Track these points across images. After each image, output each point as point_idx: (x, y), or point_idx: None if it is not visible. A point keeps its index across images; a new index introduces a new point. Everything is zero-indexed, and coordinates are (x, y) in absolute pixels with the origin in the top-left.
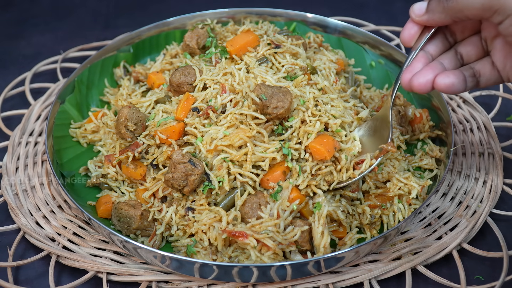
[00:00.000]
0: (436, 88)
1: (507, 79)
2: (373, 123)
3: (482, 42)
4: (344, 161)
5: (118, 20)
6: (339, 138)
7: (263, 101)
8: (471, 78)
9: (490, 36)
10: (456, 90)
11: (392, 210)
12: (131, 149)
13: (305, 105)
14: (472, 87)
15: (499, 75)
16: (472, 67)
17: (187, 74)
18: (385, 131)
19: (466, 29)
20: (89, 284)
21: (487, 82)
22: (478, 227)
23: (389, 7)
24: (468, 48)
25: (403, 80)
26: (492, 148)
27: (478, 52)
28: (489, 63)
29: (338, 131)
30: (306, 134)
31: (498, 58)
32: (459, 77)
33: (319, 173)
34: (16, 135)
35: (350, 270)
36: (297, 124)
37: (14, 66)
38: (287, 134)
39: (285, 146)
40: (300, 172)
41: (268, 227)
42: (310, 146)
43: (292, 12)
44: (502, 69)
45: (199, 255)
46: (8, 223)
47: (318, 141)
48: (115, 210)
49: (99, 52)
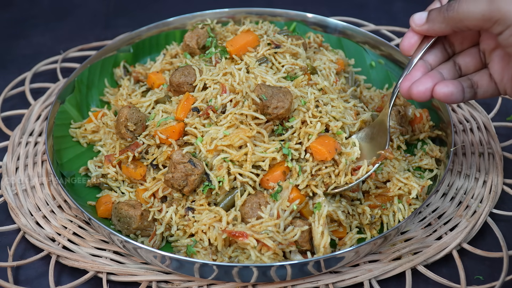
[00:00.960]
0: (435, 97)
1: (504, 91)
2: (370, 130)
3: (481, 54)
4: (343, 164)
5: (118, 20)
6: (340, 140)
7: (264, 101)
8: (469, 89)
9: (489, 48)
10: (454, 99)
11: (392, 210)
12: (131, 149)
13: (306, 105)
14: (469, 98)
15: (496, 87)
16: (470, 78)
17: (187, 74)
18: (382, 138)
19: (465, 41)
20: (89, 284)
21: (484, 94)
22: (478, 227)
23: (389, 7)
24: (466, 59)
25: (402, 88)
26: (492, 148)
27: (476, 64)
28: (487, 75)
29: (339, 133)
30: (306, 135)
31: (496, 70)
32: (457, 87)
33: (319, 174)
34: (16, 135)
35: (350, 270)
36: (297, 125)
37: (14, 66)
38: (287, 134)
39: (285, 146)
40: (300, 172)
41: (268, 227)
42: (311, 146)
43: (292, 12)
44: (500, 81)
45: (199, 255)
46: (8, 223)
47: (319, 142)
48: (115, 210)
49: (99, 52)
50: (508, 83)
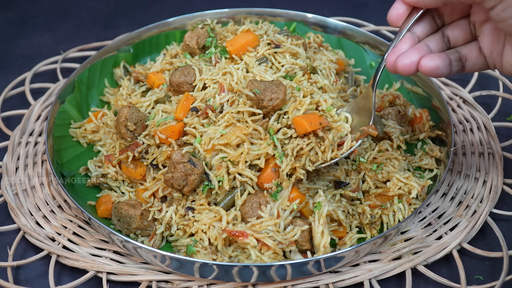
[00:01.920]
0: (421, 71)
1: (493, 65)
2: (356, 104)
3: (471, 26)
4: (329, 140)
5: (118, 20)
6: (331, 118)
7: (257, 95)
8: (456, 62)
9: (479, 20)
10: (440, 73)
11: (392, 210)
12: (131, 149)
13: (300, 91)
14: (457, 71)
15: (485, 61)
16: (458, 51)
17: (186, 74)
18: (367, 112)
19: (455, 12)
20: (89, 284)
21: (473, 67)
22: (478, 227)
23: (389, 7)
24: (455, 31)
25: (388, 61)
26: (492, 148)
27: (466, 36)
28: (476, 48)
29: (329, 109)
30: (296, 111)
31: (486, 44)
32: (444, 60)
33: (302, 153)
34: (16, 135)
35: (350, 270)
36: (290, 108)
37: (14, 66)
38: (272, 119)
39: (271, 133)
40: (282, 155)
41: (268, 226)
42: (293, 120)
43: (292, 12)
44: (489, 55)
45: (199, 254)
46: (8, 223)
47: (302, 116)
48: (115, 210)
49: (99, 52)
50: (498, 58)
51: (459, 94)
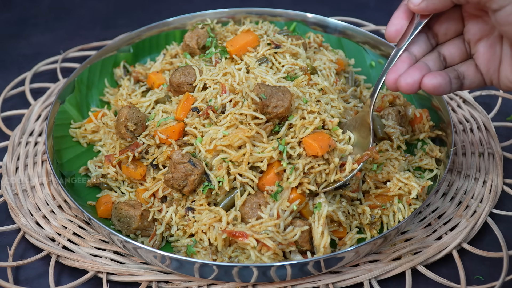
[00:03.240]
0: (423, 89)
1: (490, 82)
2: (355, 121)
3: (465, 44)
4: (334, 164)
5: (118, 20)
6: (336, 137)
7: (263, 101)
8: (455, 80)
9: (474, 39)
10: (442, 91)
11: (392, 210)
12: (131, 149)
13: (308, 103)
14: (456, 89)
15: (483, 78)
16: (456, 69)
17: (187, 74)
18: (366, 129)
19: (449, 31)
20: (89, 284)
21: (471, 85)
22: (478, 227)
23: (389, 7)
24: (451, 50)
25: (388, 80)
26: (492, 148)
27: (461, 55)
28: (472, 65)
29: (335, 129)
30: (303, 128)
31: (482, 61)
32: (445, 78)
33: (312, 172)
34: (16, 135)
35: (350, 270)
36: (296, 122)
37: (14, 66)
38: (283, 130)
39: (282, 143)
40: (292, 170)
41: (268, 227)
42: (304, 141)
43: (292, 12)
44: (486, 72)
45: (199, 255)
46: (8, 223)
47: (313, 137)
48: (115, 210)
49: (99, 52)
50: (495, 74)
51: (459, 94)
